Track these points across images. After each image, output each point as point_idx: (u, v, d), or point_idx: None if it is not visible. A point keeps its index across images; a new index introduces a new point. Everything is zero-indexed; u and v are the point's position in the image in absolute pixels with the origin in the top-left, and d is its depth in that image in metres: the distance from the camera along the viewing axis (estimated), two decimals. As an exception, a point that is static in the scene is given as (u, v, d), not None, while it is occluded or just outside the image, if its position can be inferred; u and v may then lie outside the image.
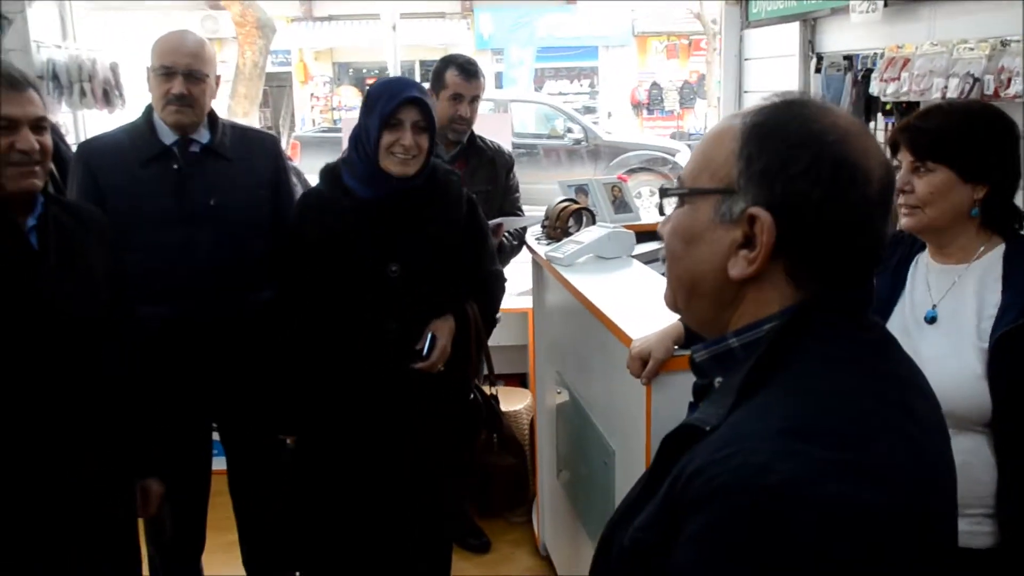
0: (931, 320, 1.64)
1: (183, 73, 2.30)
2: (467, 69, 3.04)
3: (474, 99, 3.03)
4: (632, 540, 0.84)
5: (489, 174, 3.11)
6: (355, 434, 2.22)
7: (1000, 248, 1.63)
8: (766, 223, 0.82)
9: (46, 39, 3.92)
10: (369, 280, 2.15)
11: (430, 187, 2.20)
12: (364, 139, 2.13)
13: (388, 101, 2.10)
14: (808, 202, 0.81)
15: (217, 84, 2.44)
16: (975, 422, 1.55)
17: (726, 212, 0.85)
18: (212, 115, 2.44)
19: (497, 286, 2.47)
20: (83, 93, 3.93)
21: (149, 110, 2.41)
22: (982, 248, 1.63)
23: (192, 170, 2.35)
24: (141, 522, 2.09)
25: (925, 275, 1.70)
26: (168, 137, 2.36)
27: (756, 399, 0.80)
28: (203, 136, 2.40)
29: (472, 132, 3.12)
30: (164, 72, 2.31)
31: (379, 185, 2.14)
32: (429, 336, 2.21)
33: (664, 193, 0.95)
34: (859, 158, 0.83)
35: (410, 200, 2.17)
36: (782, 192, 0.82)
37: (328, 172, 2.24)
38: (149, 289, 2.20)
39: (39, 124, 1.75)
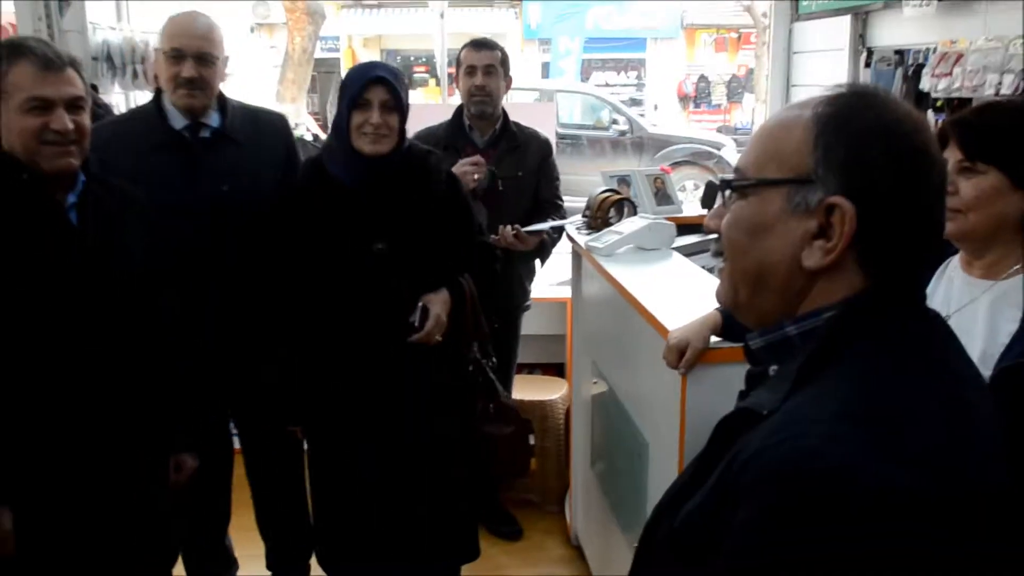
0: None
1: (193, 56, 2.26)
2: (476, 42, 3.09)
3: (488, 69, 3.01)
4: (683, 523, 0.85)
5: (518, 161, 3.09)
6: (356, 413, 2.25)
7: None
8: (848, 212, 0.82)
9: (102, 21, 4.01)
10: (356, 259, 2.18)
11: (407, 166, 2.24)
12: (338, 123, 2.20)
13: (355, 82, 2.16)
14: (886, 191, 0.82)
15: (225, 66, 2.39)
16: None
17: (800, 202, 0.85)
18: (221, 97, 2.39)
19: (488, 257, 2.50)
20: (135, 74, 4.01)
21: (159, 94, 2.37)
22: (1016, 267, 1.49)
23: (203, 156, 2.32)
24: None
25: (950, 282, 1.59)
26: (178, 122, 2.33)
27: (812, 386, 0.80)
28: (213, 120, 2.36)
29: (506, 118, 3.11)
30: (175, 55, 2.26)
31: (356, 167, 2.19)
32: (420, 308, 2.23)
33: (726, 185, 0.92)
34: (930, 148, 0.85)
35: (389, 179, 2.21)
36: (861, 181, 0.82)
37: (308, 164, 2.30)
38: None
39: (75, 104, 1.76)
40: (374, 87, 2.15)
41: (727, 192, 0.92)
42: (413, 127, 3.11)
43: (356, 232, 2.19)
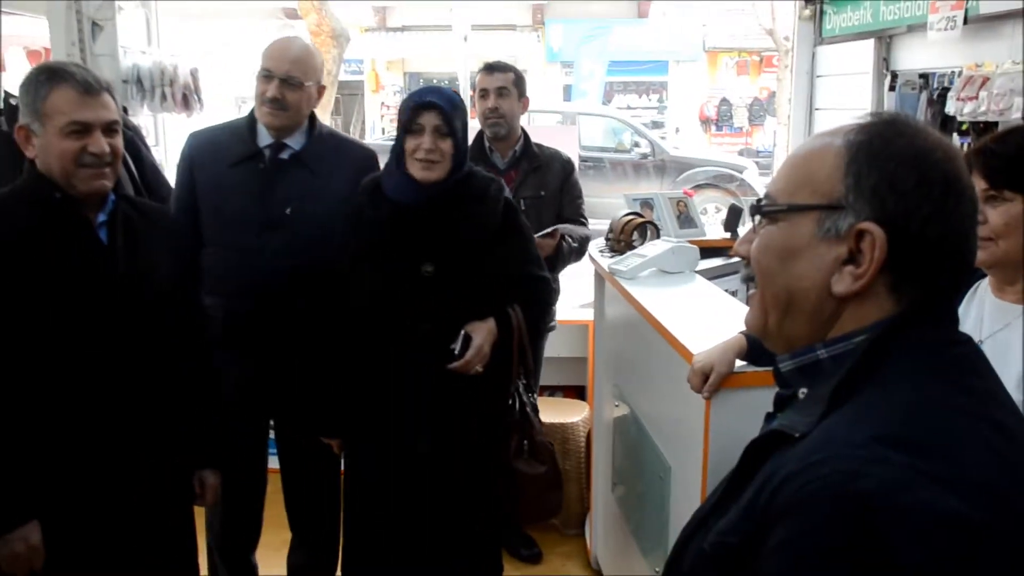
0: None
1: (280, 78, 2.36)
2: (489, 65, 3.12)
3: (500, 91, 3.04)
4: (713, 545, 0.85)
5: (540, 180, 3.10)
6: (388, 432, 2.25)
7: None
8: (879, 239, 0.82)
9: (132, 45, 4.08)
10: (403, 280, 2.18)
11: (464, 190, 2.23)
12: (395, 146, 2.21)
13: (408, 107, 2.18)
14: (918, 218, 0.82)
15: (320, 94, 2.48)
16: None
17: (831, 228, 0.85)
18: (312, 121, 2.48)
19: (541, 291, 2.43)
20: (164, 97, 4.07)
21: (254, 110, 2.47)
22: None
23: (276, 176, 2.40)
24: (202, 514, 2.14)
25: (981, 306, 1.57)
26: (264, 139, 2.43)
27: (846, 408, 0.80)
28: (297, 142, 2.43)
29: (527, 138, 3.13)
30: (265, 75, 2.38)
31: (409, 191, 2.19)
32: (462, 335, 2.20)
33: (757, 210, 0.93)
34: (961, 176, 0.85)
35: (443, 203, 2.20)
36: (893, 208, 0.82)
37: (369, 183, 2.30)
38: (221, 284, 2.30)
39: (111, 127, 1.81)
40: (426, 112, 2.15)
41: (757, 218, 0.93)
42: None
43: (405, 252, 2.19)
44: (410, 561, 2.30)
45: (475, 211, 2.24)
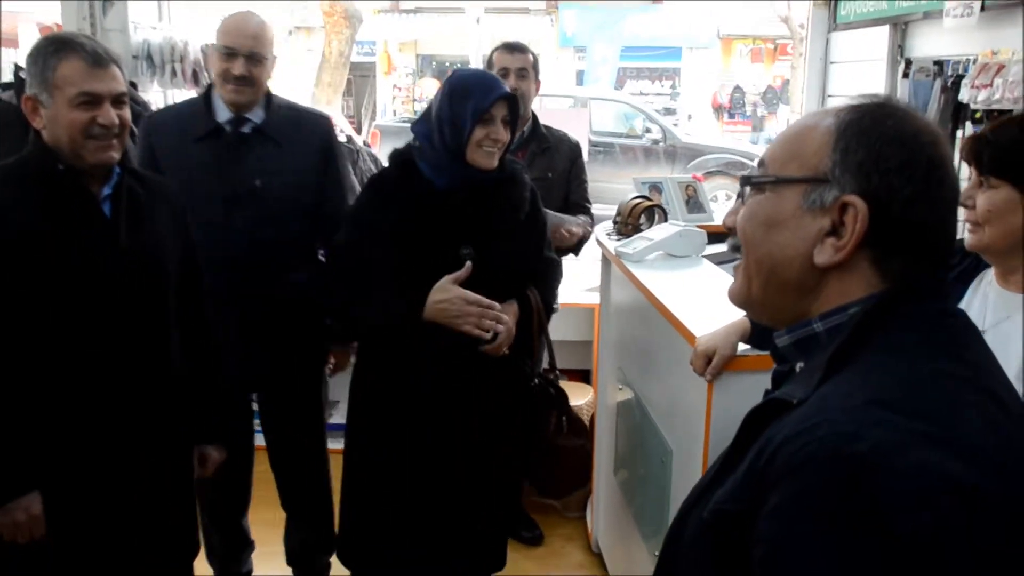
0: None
1: (245, 55, 2.35)
2: (509, 45, 3.09)
3: (521, 72, 3.02)
4: (713, 512, 0.86)
5: (548, 162, 3.10)
6: (408, 414, 2.23)
7: None
8: (861, 211, 0.85)
9: (143, 21, 4.08)
10: (441, 263, 2.16)
11: (499, 176, 2.22)
12: (450, 129, 2.11)
13: (484, 96, 2.10)
14: (900, 197, 0.85)
15: (273, 65, 2.48)
16: None
17: (816, 200, 0.88)
18: (268, 95, 2.48)
19: (554, 273, 2.46)
20: (174, 73, 4.07)
21: (210, 87, 2.47)
22: None
23: (241, 150, 2.40)
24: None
25: (985, 294, 1.57)
26: (223, 115, 2.42)
27: (843, 375, 0.83)
28: (257, 116, 2.43)
29: (536, 120, 3.12)
30: (227, 52, 2.36)
31: (458, 175, 2.15)
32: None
33: (747, 180, 0.96)
34: (945, 161, 0.88)
35: (484, 188, 2.19)
36: (877, 185, 0.85)
37: (400, 157, 2.24)
38: None
39: (119, 99, 1.81)
40: (501, 103, 2.11)
41: (747, 189, 0.96)
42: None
43: (445, 235, 2.16)
44: (414, 551, 2.29)
45: (512, 194, 2.24)
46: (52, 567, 1.84)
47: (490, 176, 2.17)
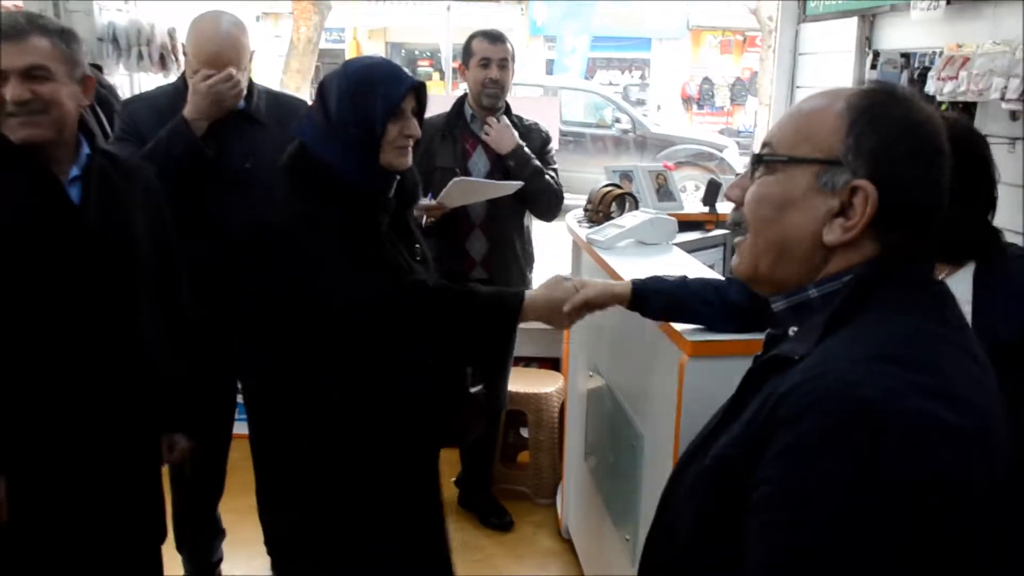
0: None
1: (227, 65, 2.35)
2: (491, 35, 3.08)
3: (503, 63, 3.02)
4: (715, 458, 0.91)
5: None
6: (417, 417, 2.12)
7: (970, 269, 1.54)
8: (871, 195, 0.90)
9: (108, 2, 4.00)
10: (408, 265, 2.09)
11: (410, 169, 2.04)
12: (358, 131, 1.83)
13: (394, 88, 1.83)
14: (906, 181, 0.91)
15: (251, 60, 2.49)
16: None
17: (828, 181, 0.93)
18: (248, 81, 2.49)
19: None
20: (140, 56, 4.00)
21: (184, 74, 2.47)
22: (948, 269, 1.54)
23: (228, 134, 2.42)
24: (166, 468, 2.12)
25: None
26: None
27: (841, 333, 0.89)
28: (239, 103, 2.44)
29: (509, 109, 3.11)
30: (209, 63, 2.34)
31: (381, 179, 1.91)
32: None
33: (759, 159, 0.99)
34: (945, 147, 0.94)
35: (408, 181, 2.03)
36: (887, 170, 0.91)
37: (316, 180, 1.88)
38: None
39: (33, 73, 1.68)
40: (411, 94, 1.87)
41: (757, 166, 0.99)
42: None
43: (398, 238, 2.00)
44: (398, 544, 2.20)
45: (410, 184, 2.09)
46: (14, 552, 1.80)
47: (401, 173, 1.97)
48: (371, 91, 1.82)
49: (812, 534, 0.77)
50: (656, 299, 1.83)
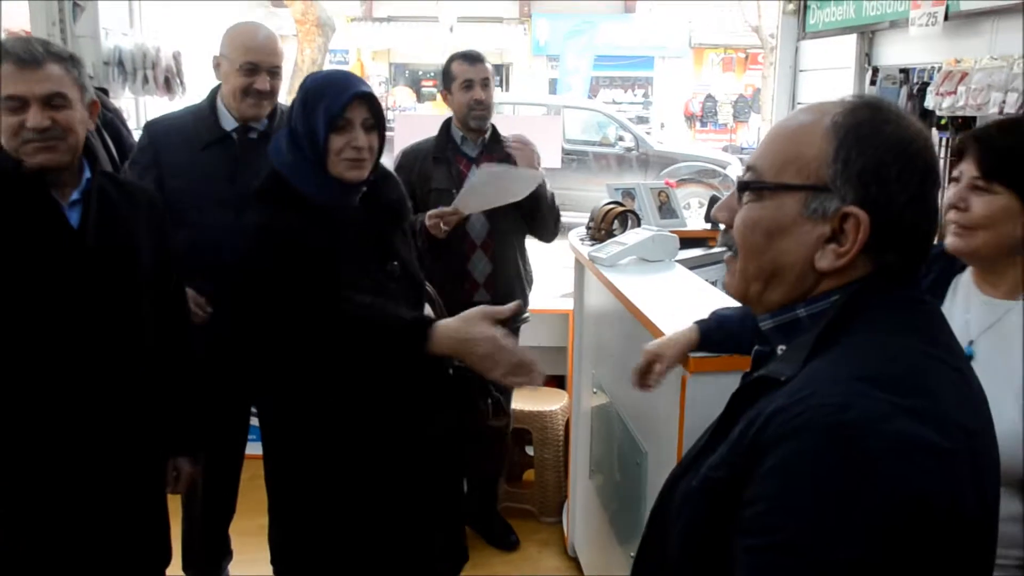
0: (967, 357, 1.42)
1: (268, 70, 2.42)
2: (470, 56, 3.07)
3: (485, 83, 3.02)
4: (702, 480, 0.90)
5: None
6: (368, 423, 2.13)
7: None
8: (863, 222, 0.88)
9: (114, 27, 4.04)
10: (374, 281, 1.99)
11: (390, 183, 2.08)
12: (307, 142, 1.85)
13: (335, 99, 1.83)
14: (898, 204, 0.88)
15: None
16: (1005, 481, 1.24)
17: (817, 208, 0.90)
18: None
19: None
20: (145, 80, 4.03)
21: (213, 94, 2.51)
22: None
23: (248, 156, 2.43)
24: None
25: (966, 303, 1.54)
26: (229, 123, 2.48)
27: (828, 354, 0.87)
28: (262, 123, 2.49)
29: (494, 127, 3.12)
30: (250, 68, 2.41)
31: (332, 191, 1.90)
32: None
33: (745, 186, 0.96)
34: (936, 164, 0.92)
35: (384, 196, 2.04)
36: (876, 193, 0.88)
37: (276, 194, 1.91)
38: (196, 266, 2.28)
39: (51, 100, 1.72)
40: (358, 105, 1.85)
41: (743, 192, 0.96)
42: (422, 136, 3.14)
43: (371, 255, 1.99)
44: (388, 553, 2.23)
45: (403, 204, 2.11)
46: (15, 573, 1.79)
47: (363, 187, 1.97)
48: (319, 102, 1.84)
49: (797, 556, 0.77)
50: (718, 334, 1.77)
